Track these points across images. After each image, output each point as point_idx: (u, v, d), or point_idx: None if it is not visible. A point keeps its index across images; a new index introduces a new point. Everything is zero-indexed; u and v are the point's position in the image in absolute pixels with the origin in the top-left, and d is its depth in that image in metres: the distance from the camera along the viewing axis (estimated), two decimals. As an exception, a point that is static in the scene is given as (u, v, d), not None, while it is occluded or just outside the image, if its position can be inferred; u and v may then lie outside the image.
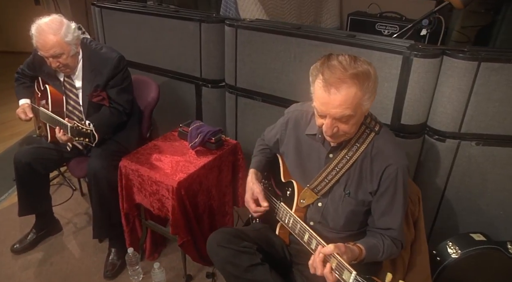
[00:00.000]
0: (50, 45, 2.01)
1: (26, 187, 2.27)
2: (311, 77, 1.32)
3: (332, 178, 1.42)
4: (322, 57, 1.30)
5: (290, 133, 1.56)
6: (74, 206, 2.75)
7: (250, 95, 2.43)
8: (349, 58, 1.25)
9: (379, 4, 3.13)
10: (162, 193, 1.91)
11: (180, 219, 1.91)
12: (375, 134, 1.38)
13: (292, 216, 1.47)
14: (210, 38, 2.45)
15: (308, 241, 1.36)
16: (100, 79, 2.16)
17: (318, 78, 1.26)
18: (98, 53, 2.18)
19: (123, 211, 2.14)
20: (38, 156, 2.24)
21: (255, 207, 1.57)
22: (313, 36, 2.10)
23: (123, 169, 2.03)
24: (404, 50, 1.88)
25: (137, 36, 2.77)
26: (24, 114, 2.29)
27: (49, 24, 2.03)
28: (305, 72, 2.15)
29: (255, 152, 1.77)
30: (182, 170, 1.95)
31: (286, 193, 1.56)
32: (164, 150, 2.12)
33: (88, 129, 1.87)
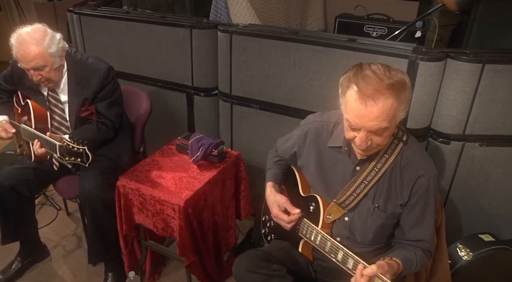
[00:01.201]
0: (31, 57, 1.84)
1: (10, 212, 2.09)
2: (341, 88, 1.25)
3: (361, 191, 1.36)
4: (353, 67, 1.25)
5: (310, 145, 1.49)
6: (61, 227, 2.56)
7: (246, 103, 2.34)
8: (383, 67, 1.20)
9: (365, 6, 3.13)
10: (167, 212, 1.80)
11: (188, 239, 1.80)
12: (403, 145, 1.33)
13: (319, 233, 1.41)
14: (202, 44, 2.34)
15: (343, 260, 1.29)
16: (88, 92, 2.01)
17: (351, 89, 1.20)
18: (84, 64, 2.03)
19: (121, 233, 2.00)
20: (22, 177, 2.06)
21: (288, 217, 1.48)
22: (313, 41, 2.04)
23: (122, 189, 1.89)
24: (410, 54, 1.86)
25: (120, 44, 2.61)
26: (5, 132, 2.09)
27: (31, 33, 1.86)
28: (305, 78, 2.13)
29: (269, 164, 1.69)
30: (187, 186, 1.84)
31: (309, 208, 1.49)
32: (163, 165, 2.00)
33: (80, 148, 1.71)
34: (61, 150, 1.75)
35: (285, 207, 1.51)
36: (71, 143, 1.72)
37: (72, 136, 1.93)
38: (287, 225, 1.50)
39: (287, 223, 1.49)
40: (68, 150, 1.72)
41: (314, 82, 2.11)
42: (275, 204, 1.52)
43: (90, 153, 1.69)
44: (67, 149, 1.72)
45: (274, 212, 1.52)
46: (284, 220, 1.49)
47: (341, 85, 1.26)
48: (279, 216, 1.50)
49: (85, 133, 1.99)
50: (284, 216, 1.49)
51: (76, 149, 1.71)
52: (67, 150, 1.73)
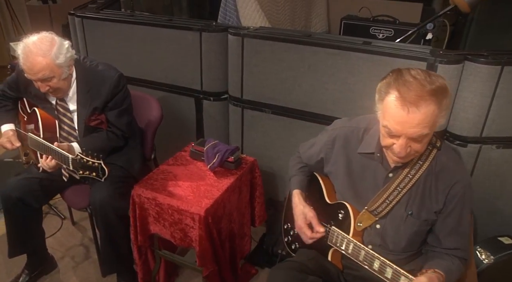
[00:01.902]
0: (38, 69, 1.77)
1: (18, 224, 2.02)
2: (379, 94, 1.22)
3: (394, 198, 1.33)
4: (392, 73, 1.22)
5: (338, 152, 1.46)
6: (66, 237, 2.49)
7: (258, 108, 2.30)
8: (423, 72, 1.17)
9: (369, 7, 3.12)
10: (186, 222, 1.74)
11: (208, 249, 1.76)
12: (437, 150, 1.31)
13: (351, 242, 1.37)
14: (212, 48, 2.30)
15: (380, 269, 1.26)
16: (98, 101, 1.94)
17: (391, 95, 1.17)
18: (94, 71, 1.96)
19: (135, 244, 1.94)
20: (30, 188, 1.98)
21: (311, 234, 1.45)
22: (329, 44, 2.01)
23: (137, 198, 1.83)
24: (428, 56, 1.85)
25: (125, 47, 2.55)
26: (10, 144, 2.02)
27: (38, 44, 1.78)
28: (320, 82, 2.10)
29: (292, 170, 1.65)
30: (206, 195, 1.79)
31: (338, 216, 1.46)
32: (179, 173, 1.94)
33: (95, 162, 1.64)
34: (74, 163, 1.68)
35: (310, 221, 1.47)
36: (86, 156, 1.65)
37: (81, 146, 1.88)
38: (308, 240, 1.47)
39: (308, 238, 1.46)
40: (82, 163, 1.65)
41: (329, 86, 2.08)
42: (301, 215, 1.49)
43: (107, 168, 1.62)
44: (81, 163, 1.65)
45: (298, 224, 1.49)
46: (307, 235, 1.46)
47: (378, 91, 1.23)
48: (303, 229, 1.47)
49: (95, 143, 1.93)
50: (308, 231, 1.46)
51: (91, 162, 1.64)
52: (81, 163, 1.65)
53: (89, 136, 1.98)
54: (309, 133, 2.22)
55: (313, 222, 1.47)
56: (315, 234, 1.45)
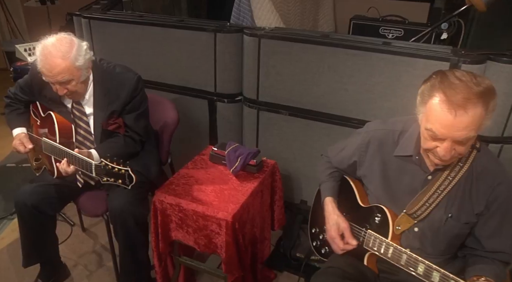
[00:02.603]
0: (57, 71, 1.70)
1: (32, 233, 1.95)
2: (422, 97, 1.20)
3: (433, 201, 1.32)
4: (435, 75, 1.19)
5: (373, 154, 1.44)
6: (77, 244, 2.42)
7: (274, 109, 2.27)
8: (468, 74, 1.15)
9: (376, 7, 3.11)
10: (212, 228, 1.70)
11: (234, 256, 1.72)
12: (477, 152, 1.29)
13: (390, 245, 1.35)
14: (226, 49, 2.26)
15: (426, 273, 1.24)
16: (116, 104, 1.88)
17: (436, 98, 1.14)
18: (111, 74, 1.90)
19: (156, 251, 1.89)
20: (44, 195, 1.92)
21: (344, 245, 1.43)
22: (349, 45, 1.99)
23: (159, 204, 1.79)
24: (451, 56, 1.83)
25: (135, 49, 2.49)
26: (23, 146, 1.95)
27: (57, 45, 1.72)
28: (339, 83, 2.08)
29: (323, 176, 1.62)
30: (231, 199, 1.75)
31: (374, 220, 1.43)
32: (200, 177, 1.90)
33: (122, 169, 1.57)
34: (98, 170, 1.62)
35: (343, 232, 1.45)
36: (111, 162, 1.59)
37: (98, 152, 1.82)
38: (339, 251, 1.45)
39: (340, 249, 1.44)
40: (107, 170, 1.59)
41: (348, 87, 2.06)
42: (335, 225, 1.47)
43: (134, 175, 1.56)
44: (106, 169, 1.59)
45: (331, 234, 1.46)
46: (339, 246, 1.45)
47: (421, 94, 1.20)
48: (335, 240, 1.45)
49: (112, 148, 1.87)
50: (341, 242, 1.45)
51: (117, 169, 1.57)
52: (106, 170, 1.59)
53: (106, 143, 1.92)
54: (327, 135, 2.20)
55: (345, 233, 1.45)
56: (346, 246, 1.43)
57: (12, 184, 2.91)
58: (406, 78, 1.93)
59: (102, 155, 1.73)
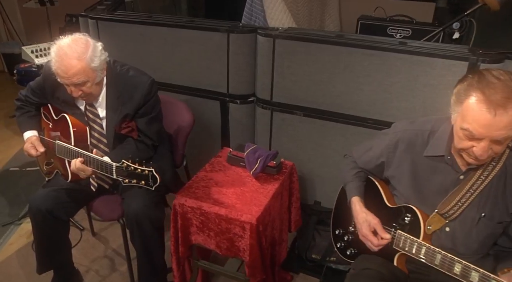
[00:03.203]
0: (73, 72, 1.66)
1: (47, 238, 1.91)
2: (458, 97, 1.20)
3: (466, 200, 1.31)
4: (473, 74, 1.19)
5: (402, 155, 1.43)
6: (88, 249, 2.37)
7: (289, 110, 2.25)
8: (505, 73, 1.15)
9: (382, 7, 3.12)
10: (235, 231, 1.68)
11: (258, 259, 1.70)
12: (510, 151, 1.29)
13: (423, 246, 1.34)
14: (240, 49, 2.23)
15: (463, 273, 1.23)
16: (129, 107, 1.84)
17: (473, 98, 1.14)
18: (125, 77, 1.86)
19: (175, 255, 1.86)
20: (59, 200, 1.87)
21: (378, 241, 1.41)
22: (366, 45, 1.98)
23: (179, 208, 1.76)
24: (470, 56, 1.84)
25: (144, 50, 2.46)
26: (34, 150, 1.91)
27: (72, 46, 1.68)
28: (356, 83, 2.07)
29: (348, 176, 1.61)
30: (254, 202, 1.73)
31: (403, 220, 1.43)
32: (220, 180, 1.87)
33: (145, 170, 1.54)
34: (120, 172, 1.59)
35: (374, 229, 1.44)
36: (133, 163, 1.56)
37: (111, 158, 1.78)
38: (374, 247, 1.44)
39: (375, 246, 1.43)
40: (129, 171, 1.56)
41: (365, 87, 2.05)
42: (365, 223, 1.46)
43: (158, 175, 1.53)
44: (128, 171, 1.56)
45: (364, 232, 1.45)
46: (373, 243, 1.43)
47: (457, 94, 1.20)
48: (369, 237, 1.44)
49: (125, 154, 1.81)
50: (374, 238, 1.43)
51: (139, 170, 1.54)
52: (128, 171, 1.56)
53: (118, 149, 1.88)
54: (342, 135, 2.20)
55: (377, 229, 1.44)
56: (381, 241, 1.42)
57: (17, 188, 2.85)
58: (423, 78, 1.93)
59: (115, 161, 1.69)
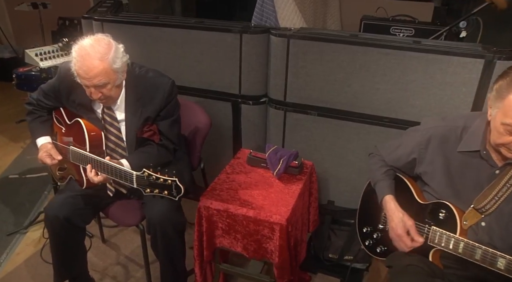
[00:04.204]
0: (95, 73, 1.61)
1: (64, 247, 1.85)
2: (499, 92, 1.21)
3: (502, 195, 1.33)
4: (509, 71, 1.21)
5: (434, 151, 1.44)
6: (100, 256, 2.31)
7: (303, 110, 2.25)
8: None
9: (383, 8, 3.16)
10: (263, 232, 1.66)
11: (287, 260, 1.69)
12: None
13: (461, 241, 1.35)
14: (253, 50, 2.22)
15: (508, 268, 1.25)
16: (150, 110, 1.79)
17: None
18: (144, 78, 1.81)
19: (198, 260, 1.83)
20: (76, 207, 1.82)
21: (411, 243, 1.42)
22: (382, 44, 2.00)
23: (205, 211, 1.73)
24: (486, 53, 1.87)
25: (153, 52, 2.42)
26: (50, 158, 1.84)
27: (95, 46, 1.62)
28: (372, 82, 2.08)
29: (377, 174, 1.61)
30: (280, 202, 1.71)
31: (438, 216, 1.44)
32: (242, 181, 1.85)
33: (168, 180, 1.48)
34: (141, 181, 1.52)
35: (408, 230, 1.45)
36: (155, 172, 1.50)
37: (130, 163, 1.73)
38: (406, 249, 1.45)
39: (408, 247, 1.45)
40: (150, 181, 1.49)
41: (380, 86, 2.07)
42: (401, 223, 1.46)
43: (182, 185, 1.48)
44: (149, 180, 1.49)
45: (399, 233, 1.46)
46: (406, 244, 1.44)
47: (498, 90, 1.22)
48: (403, 238, 1.45)
49: (145, 159, 1.76)
50: (408, 240, 1.45)
51: (162, 180, 1.48)
52: (149, 181, 1.49)
53: (138, 152, 1.82)
54: (357, 134, 2.21)
55: (411, 231, 1.45)
56: (415, 243, 1.43)
57: (18, 196, 2.75)
58: (439, 76, 1.96)
59: (134, 166, 1.65)
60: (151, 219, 1.78)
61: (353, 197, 2.37)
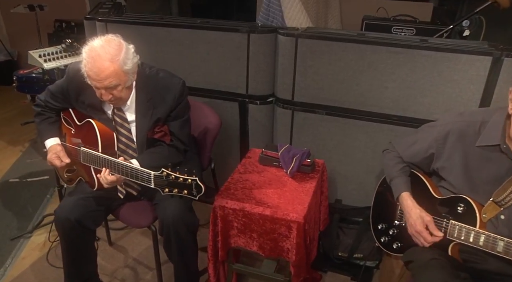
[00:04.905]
0: (105, 75, 1.59)
1: (76, 250, 1.82)
2: None
3: (522, 188, 1.35)
4: None
5: (452, 146, 1.46)
6: (108, 259, 2.28)
7: (311, 109, 2.26)
8: None
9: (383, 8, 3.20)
10: (280, 231, 1.66)
11: (304, 258, 1.68)
12: None
13: (481, 234, 1.37)
14: (260, 50, 2.22)
15: (531, 260, 1.27)
16: (161, 110, 1.78)
17: None
18: (155, 79, 1.80)
19: (212, 260, 1.82)
20: (87, 209, 1.79)
21: (431, 238, 1.44)
22: (391, 43, 2.01)
23: (220, 210, 1.72)
24: (494, 51, 1.90)
25: (158, 52, 2.40)
26: (59, 160, 1.82)
27: (106, 47, 1.60)
28: (380, 80, 2.10)
29: (393, 171, 1.62)
30: (296, 201, 1.71)
31: (456, 210, 1.45)
32: (256, 181, 1.85)
33: (188, 179, 1.47)
34: (159, 181, 1.52)
35: (427, 225, 1.47)
36: (174, 172, 1.49)
37: (140, 163, 1.71)
38: (426, 244, 1.47)
39: (428, 243, 1.46)
40: (169, 181, 1.49)
41: (389, 84, 2.08)
42: (419, 219, 1.48)
43: (203, 184, 1.48)
44: (169, 180, 1.49)
45: (418, 229, 1.47)
46: (427, 240, 1.46)
47: None
48: (423, 234, 1.46)
49: (156, 159, 1.74)
50: (428, 235, 1.46)
51: (182, 179, 1.47)
52: (169, 181, 1.49)
53: (148, 153, 1.80)
54: (364, 132, 2.22)
55: (430, 226, 1.46)
56: (434, 238, 1.45)
57: (20, 200, 2.70)
58: (447, 74, 1.98)
59: (145, 166, 1.63)
60: (164, 220, 1.76)
61: (360, 196, 2.38)
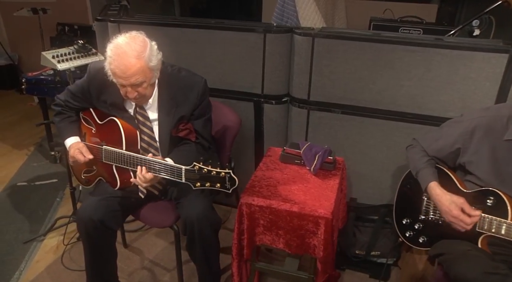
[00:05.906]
0: (132, 72, 1.58)
1: (99, 251, 1.81)
2: None
3: (550, 180, 1.38)
4: None
5: (479, 141, 1.48)
6: (124, 261, 2.25)
7: (326, 109, 2.27)
8: None
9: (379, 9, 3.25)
10: (307, 227, 1.66)
11: (331, 254, 1.69)
12: None
13: (513, 227, 1.39)
14: (276, 49, 2.24)
15: None
16: (184, 108, 1.78)
17: None
18: (177, 77, 1.80)
19: (237, 259, 1.81)
20: (110, 209, 1.78)
21: (470, 219, 1.44)
22: (407, 41, 2.04)
23: (246, 208, 1.71)
24: (510, 48, 1.94)
25: (173, 52, 2.39)
26: (82, 156, 1.80)
27: (131, 44, 1.60)
28: (396, 79, 2.12)
29: (420, 163, 1.64)
30: (322, 197, 1.72)
31: (485, 203, 1.47)
32: (279, 178, 1.85)
33: (222, 172, 1.47)
34: (191, 175, 1.51)
35: (462, 208, 1.47)
36: (206, 166, 1.49)
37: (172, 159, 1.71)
38: (467, 226, 1.47)
39: (468, 224, 1.46)
40: (202, 174, 1.49)
41: (405, 83, 2.11)
42: (453, 204, 1.49)
43: (236, 177, 1.47)
44: (201, 174, 1.49)
45: (455, 213, 1.48)
46: (466, 222, 1.46)
47: None
48: (461, 217, 1.47)
49: (186, 157, 1.70)
50: (467, 217, 1.46)
51: (215, 172, 1.47)
52: (201, 174, 1.49)
53: (178, 151, 1.79)
54: (380, 131, 2.24)
55: (465, 207, 1.47)
56: (474, 218, 1.45)
57: (30, 203, 2.66)
58: (463, 72, 2.01)
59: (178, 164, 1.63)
60: (188, 218, 1.75)
61: (375, 194, 2.39)
